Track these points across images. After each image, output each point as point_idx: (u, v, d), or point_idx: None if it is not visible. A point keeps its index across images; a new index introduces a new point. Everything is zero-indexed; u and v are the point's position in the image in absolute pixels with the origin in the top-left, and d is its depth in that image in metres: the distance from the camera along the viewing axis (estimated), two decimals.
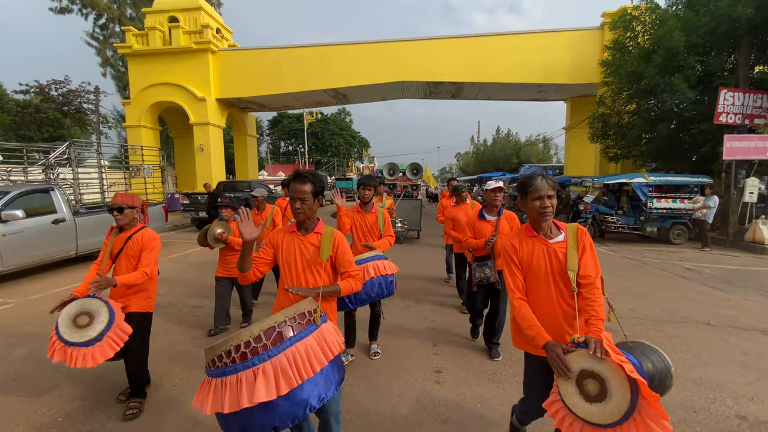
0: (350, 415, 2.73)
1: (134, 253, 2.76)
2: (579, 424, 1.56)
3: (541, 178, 1.91)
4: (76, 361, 2.37)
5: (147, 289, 2.85)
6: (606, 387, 1.50)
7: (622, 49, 12.73)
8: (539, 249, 1.91)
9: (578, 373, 1.57)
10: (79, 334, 2.41)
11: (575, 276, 1.82)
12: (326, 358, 1.63)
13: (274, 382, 1.48)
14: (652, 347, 1.91)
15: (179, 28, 17.17)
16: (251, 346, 1.53)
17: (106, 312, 2.51)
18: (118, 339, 2.51)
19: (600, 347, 1.55)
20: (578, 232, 1.90)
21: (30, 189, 6.79)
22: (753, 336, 4.18)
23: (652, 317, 4.71)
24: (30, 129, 22.51)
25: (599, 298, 1.80)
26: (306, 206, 2.03)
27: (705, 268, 7.37)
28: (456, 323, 4.52)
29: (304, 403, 1.53)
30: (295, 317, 1.66)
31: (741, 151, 9.64)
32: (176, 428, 2.63)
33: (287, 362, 1.53)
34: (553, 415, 1.65)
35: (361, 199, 3.80)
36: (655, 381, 1.77)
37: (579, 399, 1.55)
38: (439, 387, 3.13)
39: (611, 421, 1.47)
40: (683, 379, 3.24)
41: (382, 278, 3.19)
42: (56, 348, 2.41)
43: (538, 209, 1.89)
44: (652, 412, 1.42)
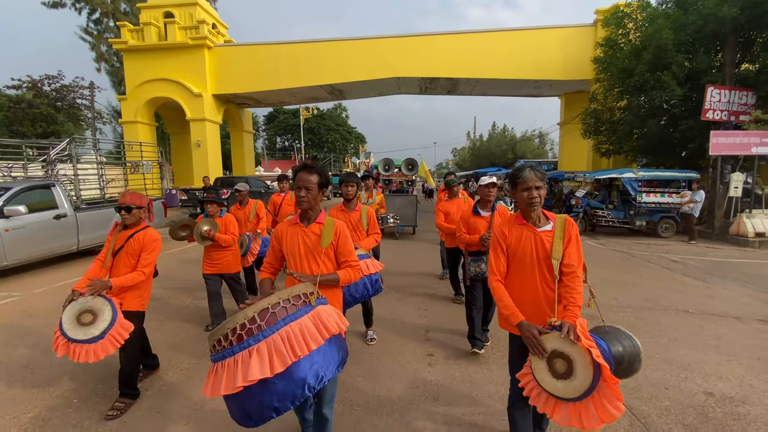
0: (348, 394, 2.94)
1: (134, 252, 2.79)
2: (545, 396, 1.75)
3: (529, 170, 2.02)
4: (79, 356, 2.47)
5: (141, 287, 2.87)
6: (572, 367, 1.67)
7: (614, 46, 12.94)
8: (527, 236, 2.02)
9: (550, 353, 1.75)
10: (82, 331, 2.48)
11: (558, 264, 1.95)
12: (322, 337, 1.65)
13: (269, 361, 1.52)
14: (625, 332, 2.10)
15: (175, 24, 17.16)
16: (246, 328, 1.57)
17: (110, 311, 2.57)
18: (119, 336, 2.58)
19: (572, 332, 1.71)
20: (566, 223, 2.02)
21: (32, 185, 6.91)
22: (727, 322, 4.43)
23: (634, 306, 4.95)
24: (23, 125, 22.39)
25: (579, 286, 1.93)
26: (310, 195, 2.10)
27: (689, 260, 7.64)
28: (448, 311, 4.74)
29: (302, 382, 1.55)
30: (289, 299, 1.69)
31: (726, 147, 9.91)
32: (175, 415, 2.82)
33: (281, 341, 1.56)
34: (525, 384, 1.84)
35: (344, 197, 3.79)
36: (624, 363, 1.97)
37: (547, 375, 1.73)
38: (431, 369, 3.35)
39: (572, 397, 1.66)
40: (658, 360, 3.48)
41: (367, 278, 3.19)
42: (60, 343, 2.50)
43: (527, 199, 2.00)
44: (609, 394, 1.60)
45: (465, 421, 2.64)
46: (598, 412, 1.62)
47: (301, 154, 42.20)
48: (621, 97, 12.70)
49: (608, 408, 1.60)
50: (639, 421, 2.62)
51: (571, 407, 1.68)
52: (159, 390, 3.07)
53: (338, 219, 3.62)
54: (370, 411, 2.76)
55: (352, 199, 3.76)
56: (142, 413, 2.76)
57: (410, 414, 2.73)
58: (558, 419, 1.71)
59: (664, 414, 2.71)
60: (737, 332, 4.15)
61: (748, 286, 5.86)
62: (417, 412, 2.75)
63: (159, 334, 4.01)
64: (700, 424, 2.60)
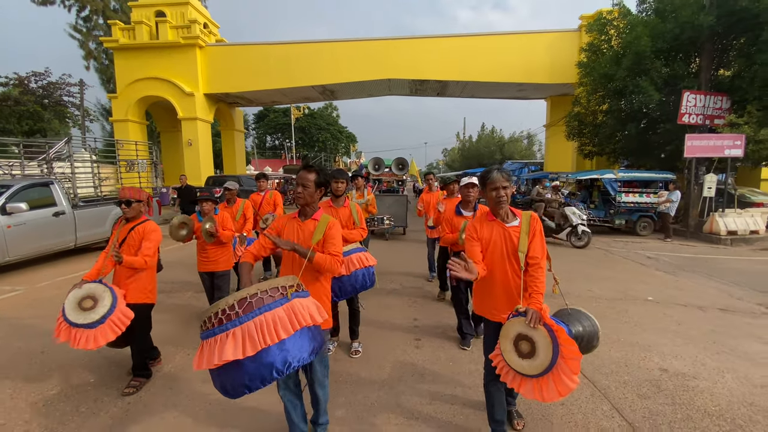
0: (342, 376, 3.25)
1: (135, 243, 2.99)
2: (513, 373, 2.03)
3: (496, 171, 2.23)
4: (79, 342, 2.57)
5: (142, 279, 3.01)
6: (535, 348, 1.93)
7: (597, 51, 13.42)
8: (497, 231, 2.23)
9: (516, 336, 1.99)
10: (83, 316, 2.61)
11: (524, 257, 2.15)
12: (293, 327, 1.80)
13: (241, 345, 1.69)
14: (585, 314, 2.37)
15: (166, 23, 17.20)
16: (226, 313, 1.76)
17: (109, 297, 2.72)
18: (119, 323, 2.69)
19: (534, 317, 1.94)
20: (531, 219, 2.22)
21: (31, 183, 7.07)
22: (690, 310, 4.84)
23: (607, 296, 5.35)
24: (9, 122, 22.11)
25: (542, 276, 2.15)
26: (306, 192, 2.26)
27: (663, 256, 8.11)
28: (436, 303, 5.08)
29: (270, 366, 1.71)
30: (267, 290, 1.84)
31: (700, 150, 10.43)
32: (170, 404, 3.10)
33: (254, 328, 1.72)
34: (496, 364, 2.12)
35: (334, 193, 3.79)
36: (583, 341, 2.22)
37: (514, 355, 1.99)
38: (418, 351, 3.69)
39: (535, 373, 1.92)
40: (622, 343, 3.86)
41: (365, 270, 3.33)
42: (62, 329, 2.63)
43: (495, 198, 2.21)
44: (566, 370, 1.87)
45: (447, 394, 2.97)
46: (557, 386, 1.88)
47: (291, 153, 42.24)
48: (603, 101, 13.19)
49: (565, 381, 1.86)
50: (599, 392, 2.98)
51: (534, 382, 1.94)
52: (168, 372, 3.34)
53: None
54: (363, 386, 3.08)
55: (341, 196, 3.76)
56: (155, 390, 3.04)
57: (398, 388, 3.05)
58: (524, 392, 1.98)
59: (622, 386, 3.07)
60: (697, 319, 4.56)
61: (714, 279, 6.31)
62: (404, 387, 3.08)
63: (161, 327, 4.26)
64: (653, 394, 2.97)
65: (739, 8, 9.54)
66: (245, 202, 5.06)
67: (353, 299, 3.73)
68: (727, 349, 3.76)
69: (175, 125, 18.77)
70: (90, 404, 2.84)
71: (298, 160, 45.36)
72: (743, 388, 3.06)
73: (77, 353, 3.58)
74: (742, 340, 3.96)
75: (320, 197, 2.37)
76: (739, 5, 9.49)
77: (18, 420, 2.68)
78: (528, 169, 22.97)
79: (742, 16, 9.70)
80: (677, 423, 2.61)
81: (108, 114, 26.96)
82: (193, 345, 3.81)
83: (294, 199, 2.35)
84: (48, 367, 3.40)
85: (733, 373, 3.30)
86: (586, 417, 2.69)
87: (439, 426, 2.60)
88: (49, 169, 8.46)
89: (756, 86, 9.88)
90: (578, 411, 2.75)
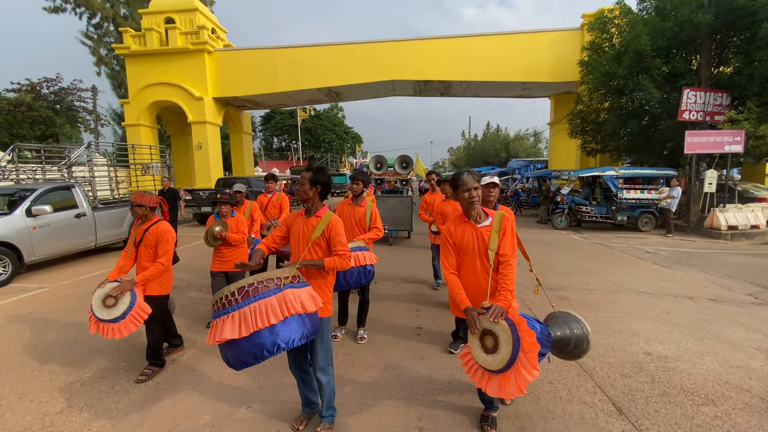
0: (350, 356, 3.56)
1: (151, 243, 3.26)
2: (480, 371, 2.09)
3: (467, 173, 2.32)
4: (107, 333, 2.96)
5: (161, 275, 3.31)
6: (497, 342, 1.99)
7: (598, 50, 13.56)
8: (469, 232, 2.32)
9: (481, 331, 2.06)
10: (106, 312, 2.98)
11: (494, 255, 2.24)
12: (283, 314, 2.04)
13: (237, 327, 1.98)
14: (575, 316, 2.34)
15: (176, 29, 17.67)
16: (228, 299, 2.05)
17: (129, 295, 3.06)
18: (138, 317, 3.05)
19: (495, 312, 2.00)
20: (502, 218, 2.30)
21: (54, 186, 7.46)
22: (680, 301, 5.06)
23: (602, 289, 5.59)
24: (22, 127, 22.77)
25: (511, 273, 2.21)
26: (302, 189, 2.48)
27: (662, 251, 8.29)
28: (437, 299, 5.35)
29: (261, 346, 1.99)
30: (263, 281, 2.10)
31: (700, 146, 10.56)
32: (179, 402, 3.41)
33: (249, 313, 2.00)
34: (465, 364, 2.19)
35: (352, 193, 4.03)
36: (571, 344, 2.25)
37: (480, 351, 2.05)
38: (419, 338, 3.97)
39: (499, 368, 1.97)
40: (611, 330, 4.10)
41: (361, 268, 3.51)
42: (92, 322, 3.03)
43: (467, 199, 2.29)
44: (527, 363, 1.91)
45: (445, 375, 3.25)
46: (517, 380, 1.92)
47: (298, 155, 42.71)
48: (605, 99, 13.34)
49: (524, 375, 1.90)
50: (585, 372, 3.24)
51: (499, 379, 1.99)
52: (192, 355, 3.67)
53: (345, 212, 4.01)
54: (369, 367, 3.38)
55: (359, 195, 4.00)
56: (181, 371, 3.36)
57: (400, 369, 3.34)
58: (489, 391, 2.03)
59: (607, 367, 3.33)
60: (686, 309, 4.78)
61: (709, 272, 6.50)
62: (406, 368, 3.37)
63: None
64: (635, 374, 3.22)
65: (737, 6, 9.67)
66: (252, 204, 5.16)
67: (364, 291, 3.99)
68: (711, 335, 3.99)
69: (185, 129, 19.25)
70: (123, 383, 3.18)
71: (305, 161, 45.82)
72: (720, 368, 3.30)
73: (107, 342, 3.92)
74: (727, 327, 4.19)
75: (317, 195, 2.50)
76: (736, 3, 9.62)
77: (59, 398, 3.02)
78: (533, 167, 23.11)
79: (739, 14, 9.83)
80: (654, 398, 2.87)
81: (119, 118, 27.69)
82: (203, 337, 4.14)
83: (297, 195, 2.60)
84: (81, 354, 3.74)
85: (713, 356, 3.53)
86: (570, 393, 2.95)
87: (437, 402, 2.88)
88: (69, 173, 8.87)
89: (755, 82, 10.00)
90: (563, 388, 3.02)
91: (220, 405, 2.87)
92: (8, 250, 6.28)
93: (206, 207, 12.93)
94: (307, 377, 2.59)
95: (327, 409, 2.54)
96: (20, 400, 2.98)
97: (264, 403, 2.88)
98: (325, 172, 2.59)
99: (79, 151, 8.66)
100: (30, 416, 2.77)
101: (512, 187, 18.51)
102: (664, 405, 2.78)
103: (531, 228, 12.28)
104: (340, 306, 4.16)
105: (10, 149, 9.53)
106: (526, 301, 4.92)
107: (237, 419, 2.70)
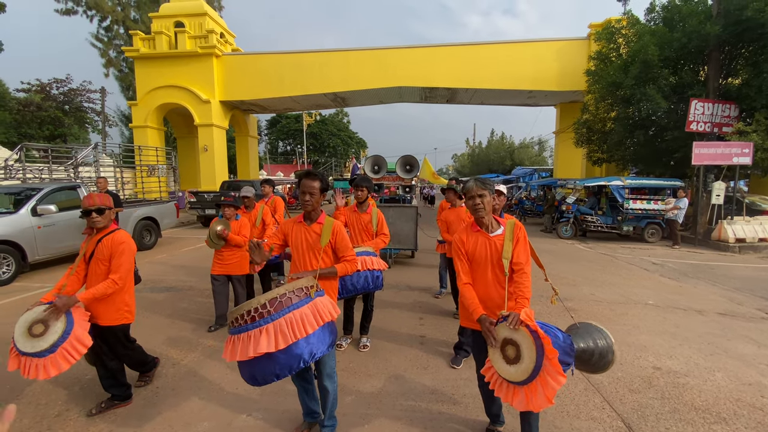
0: (353, 364, 3.51)
1: (104, 257, 2.62)
2: (505, 384, 1.97)
3: (472, 181, 2.29)
4: (29, 372, 2.26)
5: (115, 300, 2.66)
6: (520, 351, 1.88)
7: (605, 59, 13.56)
8: (482, 242, 2.28)
9: (501, 341, 1.97)
10: (31, 343, 2.29)
11: (509, 263, 2.20)
12: (317, 323, 2.05)
13: (274, 339, 1.91)
14: (597, 327, 2.23)
15: (185, 33, 17.85)
16: (259, 311, 1.97)
17: (63, 322, 2.37)
18: (74, 352, 2.36)
19: (515, 320, 1.92)
20: (514, 227, 2.27)
21: (60, 186, 7.49)
22: (689, 314, 4.97)
23: (608, 300, 5.50)
24: (31, 127, 23.03)
25: (526, 281, 2.16)
26: (314, 199, 2.43)
27: (669, 263, 8.19)
28: (441, 307, 5.29)
29: (298, 357, 1.96)
30: (294, 290, 2.07)
31: (708, 157, 10.47)
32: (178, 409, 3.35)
33: (285, 324, 1.95)
34: (489, 378, 2.07)
35: (356, 200, 4.02)
36: (594, 356, 2.14)
37: (502, 362, 1.95)
38: (423, 347, 3.91)
39: (523, 379, 1.85)
40: (619, 343, 4.01)
41: (369, 272, 3.40)
42: (12, 356, 2.32)
43: (472, 207, 2.28)
44: (552, 370, 1.80)
45: (449, 385, 3.19)
46: (544, 389, 1.81)
47: (303, 159, 42.88)
48: (611, 109, 13.30)
49: (551, 382, 1.79)
50: (592, 386, 3.17)
51: (525, 391, 1.88)
52: (194, 359, 3.62)
53: (351, 219, 3.98)
54: (371, 376, 3.32)
55: (364, 202, 4.01)
56: (181, 376, 3.32)
57: (403, 379, 3.28)
58: (516, 405, 1.91)
59: (615, 382, 3.26)
60: (696, 322, 4.69)
61: (717, 286, 6.40)
62: (409, 378, 3.30)
63: (158, 331, 4.55)
64: (644, 389, 3.14)
65: (745, 18, 9.62)
66: (264, 208, 5.06)
67: (369, 298, 3.93)
68: (721, 350, 3.90)
69: (192, 131, 19.38)
70: None
71: (309, 165, 45.98)
72: (731, 385, 3.21)
73: None
74: (737, 342, 4.10)
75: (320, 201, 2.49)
76: (744, 15, 9.58)
77: (57, 401, 2.98)
78: (538, 175, 23.03)
79: (748, 25, 9.78)
80: (664, 415, 2.79)
81: (126, 120, 27.93)
82: (209, 338, 4.10)
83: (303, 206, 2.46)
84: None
85: (724, 372, 3.45)
86: (578, 408, 2.88)
87: (440, 413, 2.82)
88: (75, 173, 8.92)
89: (764, 94, 9.92)
90: (571, 403, 2.94)
91: (220, 412, 2.82)
92: (12, 248, 6.29)
93: (210, 209, 12.97)
94: (310, 387, 2.54)
95: (329, 419, 2.49)
96: (18, 402, 2.94)
97: (264, 411, 2.83)
98: (325, 177, 2.58)
99: (85, 151, 8.71)
100: (28, 419, 2.74)
101: (516, 195, 18.43)
102: (674, 423, 2.70)
103: (535, 237, 12.19)
104: (345, 314, 4.07)
105: (17, 148, 9.62)
106: (540, 314, 4.83)
107: (237, 427, 2.65)
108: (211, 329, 4.32)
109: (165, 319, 4.70)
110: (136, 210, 8.95)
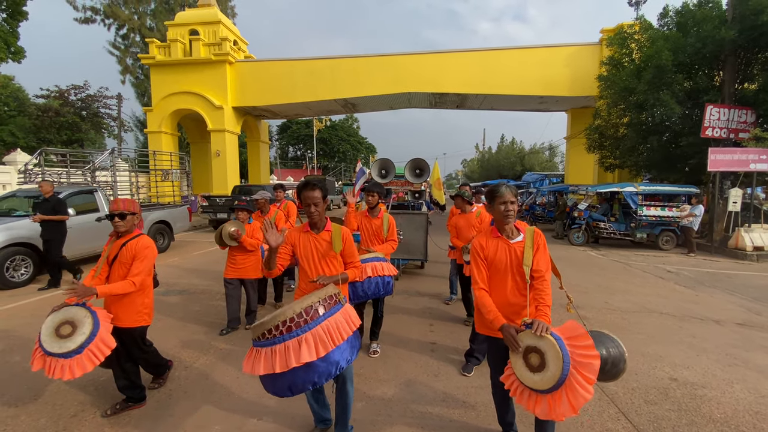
0: (363, 370, 3.50)
1: (127, 261, 2.70)
2: (527, 392, 1.93)
3: (505, 186, 2.29)
4: (54, 372, 2.32)
5: (135, 302, 2.75)
6: (545, 359, 1.84)
7: (617, 65, 13.44)
8: (502, 248, 2.26)
9: (524, 349, 1.93)
10: (58, 344, 2.34)
11: (529, 270, 2.18)
12: (351, 329, 2.07)
13: (314, 348, 1.90)
14: (609, 336, 2.21)
15: (199, 41, 18.20)
16: (294, 321, 1.94)
17: (90, 324, 2.43)
18: (99, 353, 2.43)
19: (541, 327, 1.89)
20: (534, 234, 2.26)
21: (77, 190, 7.66)
22: (705, 324, 4.86)
23: (622, 309, 5.41)
24: (49, 132, 23.60)
25: (547, 288, 2.16)
26: (320, 209, 2.41)
27: (684, 271, 8.03)
28: (452, 313, 5.26)
29: (336, 364, 1.95)
30: (325, 298, 2.08)
31: (724, 164, 10.28)
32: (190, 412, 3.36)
33: (323, 332, 1.94)
34: (509, 386, 2.04)
35: (367, 205, 4.05)
36: (607, 365, 2.09)
37: (525, 370, 1.91)
38: (433, 354, 3.89)
39: (548, 387, 1.81)
40: (634, 353, 3.94)
41: (380, 278, 3.40)
42: (36, 356, 2.38)
43: (503, 212, 2.23)
44: (581, 380, 1.76)
45: (460, 393, 3.16)
46: (570, 398, 1.77)
47: (313, 164, 43.20)
48: (624, 114, 13.14)
49: (580, 392, 1.75)
50: (607, 397, 3.12)
51: (549, 399, 1.83)
52: (206, 362, 3.65)
53: (362, 224, 4.01)
54: (382, 382, 3.31)
55: (375, 207, 4.03)
56: (193, 378, 3.35)
57: (414, 386, 3.26)
58: (539, 413, 1.87)
59: (630, 392, 3.19)
60: (713, 332, 4.59)
61: (735, 295, 6.26)
62: (420, 384, 3.29)
63: (170, 334, 4.60)
64: (660, 401, 3.08)
65: (761, 23, 9.48)
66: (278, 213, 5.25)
67: (378, 304, 3.91)
68: (739, 361, 3.81)
69: (204, 136, 19.66)
70: None
71: (319, 170, 46.30)
72: (750, 397, 3.13)
73: None
74: (756, 353, 3.99)
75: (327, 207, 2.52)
76: (760, 20, 9.43)
77: (73, 402, 3.03)
78: (549, 181, 22.84)
79: (764, 30, 9.63)
80: (681, 428, 2.73)
81: (141, 125, 28.50)
82: (221, 341, 4.14)
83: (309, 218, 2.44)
84: None
85: (743, 384, 3.36)
86: (592, 419, 2.83)
87: (452, 420, 2.80)
88: (92, 178, 9.11)
89: None
90: (585, 413, 2.89)
91: (231, 416, 2.84)
92: (30, 251, 6.44)
93: (222, 213, 13.11)
94: (321, 396, 2.57)
95: (342, 427, 2.46)
96: (35, 402, 3.00)
97: (275, 416, 2.84)
98: (324, 183, 2.55)
99: (102, 156, 8.92)
100: (44, 419, 2.79)
101: (527, 201, 18.28)
102: None
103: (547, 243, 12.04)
104: None
105: (37, 153, 9.88)
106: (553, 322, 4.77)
107: (247, 431, 2.66)
108: (222, 332, 4.36)
109: (177, 322, 4.75)
110: (150, 214, 9.10)
